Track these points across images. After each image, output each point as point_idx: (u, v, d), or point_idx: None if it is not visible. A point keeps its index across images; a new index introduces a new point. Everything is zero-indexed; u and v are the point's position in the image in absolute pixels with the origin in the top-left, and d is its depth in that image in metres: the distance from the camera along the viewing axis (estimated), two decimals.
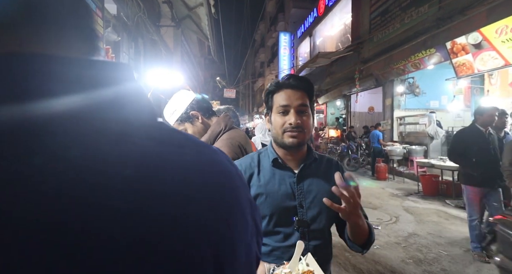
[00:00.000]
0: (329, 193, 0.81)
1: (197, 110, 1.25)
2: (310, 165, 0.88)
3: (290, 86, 0.85)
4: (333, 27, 12.04)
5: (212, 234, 0.25)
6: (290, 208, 0.83)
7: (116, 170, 0.21)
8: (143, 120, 0.25)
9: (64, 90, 0.21)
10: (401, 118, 7.73)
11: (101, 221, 0.19)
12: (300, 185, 0.86)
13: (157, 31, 5.64)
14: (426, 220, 3.95)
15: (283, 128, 0.83)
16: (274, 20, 20.11)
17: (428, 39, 5.65)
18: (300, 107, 0.83)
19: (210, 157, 0.30)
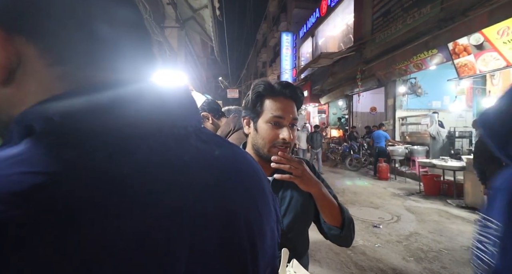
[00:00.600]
0: (303, 196, 0.82)
1: (208, 112, 1.33)
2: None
3: (287, 96, 0.79)
4: (335, 27, 12.05)
5: (247, 214, 0.32)
6: None
7: (183, 163, 0.28)
8: (193, 126, 0.32)
9: (143, 107, 0.27)
10: (403, 118, 7.77)
11: (197, 197, 0.27)
12: (275, 192, 0.81)
13: (161, 32, 5.71)
14: (427, 219, 4.00)
15: (273, 142, 0.77)
16: (277, 20, 20.13)
17: (430, 40, 5.68)
18: (293, 121, 0.79)
19: (242, 155, 0.37)
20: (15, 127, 0.23)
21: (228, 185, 0.31)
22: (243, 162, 0.36)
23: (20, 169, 0.20)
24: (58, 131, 0.22)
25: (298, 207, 0.82)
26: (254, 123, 0.80)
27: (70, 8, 0.26)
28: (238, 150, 0.37)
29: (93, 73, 0.27)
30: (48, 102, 0.23)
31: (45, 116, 0.22)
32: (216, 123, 1.37)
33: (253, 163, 0.38)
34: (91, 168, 0.22)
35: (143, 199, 0.23)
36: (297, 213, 0.81)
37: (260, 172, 0.38)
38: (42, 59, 0.25)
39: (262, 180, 0.38)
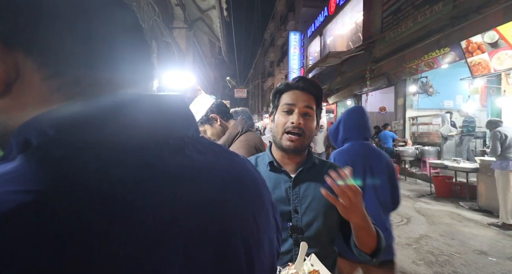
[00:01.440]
0: (326, 200, 0.79)
1: (216, 114, 1.34)
2: (308, 170, 0.85)
3: (299, 88, 0.85)
4: (344, 26, 11.92)
5: (243, 225, 0.32)
6: (284, 213, 0.80)
7: (178, 175, 0.28)
8: (190, 136, 0.32)
9: (139, 120, 0.27)
10: (414, 118, 7.62)
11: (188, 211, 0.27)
12: (295, 190, 0.83)
13: (170, 33, 5.77)
14: (438, 222, 3.91)
15: (284, 127, 0.82)
16: (284, 20, 20.04)
17: (442, 38, 5.55)
18: (305, 109, 0.82)
19: (240, 164, 0.37)
20: (14, 140, 0.23)
21: (223, 196, 0.31)
22: (240, 171, 0.36)
23: (8, 188, 0.20)
24: (52, 146, 0.22)
25: (319, 208, 0.81)
26: (273, 117, 0.88)
27: (68, 23, 0.26)
28: (236, 158, 0.37)
29: (89, 86, 0.27)
30: (44, 115, 0.24)
31: (40, 130, 0.23)
32: (224, 125, 1.38)
33: (251, 171, 0.38)
34: (81, 184, 0.21)
35: (134, 215, 0.23)
36: (318, 214, 0.80)
37: (259, 180, 0.38)
38: (39, 72, 0.26)
39: (260, 189, 0.37)
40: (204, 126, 1.35)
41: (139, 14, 4.83)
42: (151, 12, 4.49)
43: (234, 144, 1.29)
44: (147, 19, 4.62)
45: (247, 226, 0.32)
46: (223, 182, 0.32)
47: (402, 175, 6.78)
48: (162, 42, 5.62)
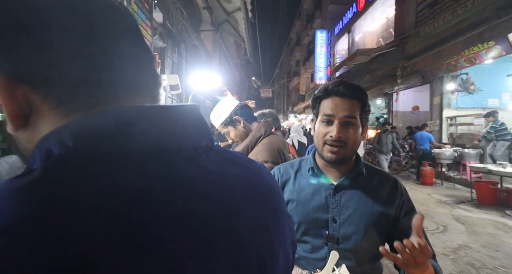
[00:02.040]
0: (371, 213, 0.76)
1: (240, 116, 1.35)
2: (353, 179, 0.80)
3: (339, 94, 0.77)
4: (374, 22, 11.41)
5: (257, 238, 0.31)
6: (321, 221, 0.78)
7: (189, 187, 0.27)
8: (204, 147, 0.31)
9: (149, 131, 0.27)
10: (452, 118, 7.07)
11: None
12: (335, 198, 0.79)
13: (197, 36, 5.95)
14: (480, 231, 3.59)
15: (324, 139, 0.78)
16: (311, 18, 19.69)
17: (486, 31, 5.08)
18: (346, 119, 0.76)
19: (256, 173, 0.36)
20: (37, 151, 0.25)
21: (237, 208, 0.30)
22: (255, 181, 0.35)
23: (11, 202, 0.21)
24: (69, 158, 0.23)
25: (361, 222, 0.76)
26: (314, 125, 0.83)
27: (69, 54, 0.26)
28: (252, 166, 0.36)
29: (96, 105, 0.28)
30: (64, 127, 0.25)
31: (61, 141, 0.24)
32: (247, 127, 1.38)
33: (267, 181, 0.36)
34: (92, 196, 0.22)
35: (145, 227, 0.23)
36: (358, 227, 0.76)
37: (274, 190, 0.37)
38: (46, 104, 0.27)
39: (276, 199, 0.36)
40: (227, 128, 1.37)
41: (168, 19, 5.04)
42: (180, 17, 4.66)
43: (257, 146, 1.30)
44: (176, 23, 4.80)
45: (261, 239, 0.31)
46: (237, 193, 0.31)
47: (438, 179, 6.32)
48: (190, 45, 5.81)
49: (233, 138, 1.38)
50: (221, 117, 1.35)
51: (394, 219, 0.78)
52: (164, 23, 5.04)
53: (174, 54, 5.87)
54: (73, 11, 0.27)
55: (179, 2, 4.56)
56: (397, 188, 0.81)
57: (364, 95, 0.79)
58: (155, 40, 4.70)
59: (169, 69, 5.47)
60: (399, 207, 0.79)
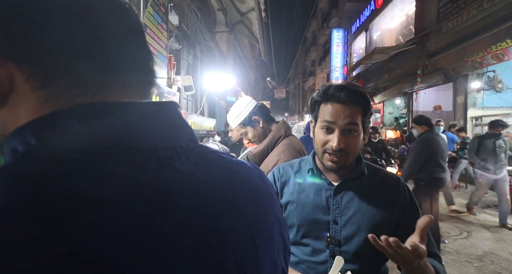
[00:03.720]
0: (374, 214, 0.74)
1: (259, 116, 1.33)
2: (354, 179, 0.78)
3: (341, 101, 0.72)
4: (393, 19, 11.05)
5: (237, 243, 0.28)
6: (322, 222, 0.76)
7: (159, 190, 0.25)
8: (183, 146, 0.29)
9: (122, 130, 0.25)
10: (477, 118, 6.69)
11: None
12: (336, 199, 0.77)
13: (212, 37, 6.02)
14: (508, 238, 3.36)
15: (324, 148, 0.75)
16: (327, 17, 19.41)
17: None
18: (347, 126, 0.72)
19: (242, 175, 0.33)
20: (5, 150, 0.25)
21: (214, 212, 0.27)
22: (241, 182, 0.32)
23: None
24: (33, 155, 0.22)
25: (363, 223, 0.74)
26: (313, 128, 0.80)
27: (60, 34, 0.26)
28: (239, 168, 0.33)
29: (77, 96, 0.26)
30: (27, 125, 0.24)
31: (24, 140, 0.23)
32: (266, 127, 1.36)
33: (256, 184, 0.34)
34: (46, 203, 0.20)
35: (104, 238, 0.20)
36: (360, 228, 0.73)
37: (264, 194, 0.34)
38: (29, 83, 0.25)
39: (264, 203, 0.33)
40: (246, 128, 1.36)
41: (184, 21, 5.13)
42: (195, 19, 4.73)
43: (277, 147, 1.28)
44: (191, 25, 4.88)
45: (242, 244, 0.28)
46: (216, 199, 0.28)
47: (462, 182, 6.00)
48: (205, 46, 5.89)
49: (250, 138, 1.38)
50: (240, 117, 1.34)
51: (398, 219, 0.76)
52: (180, 26, 5.14)
53: (190, 55, 5.97)
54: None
55: (194, 4, 4.63)
56: (400, 188, 0.79)
57: (366, 101, 0.75)
58: (171, 43, 4.81)
59: (184, 71, 5.57)
60: (403, 207, 0.77)
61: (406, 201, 0.77)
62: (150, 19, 3.56)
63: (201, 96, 5.57)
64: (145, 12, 3.22)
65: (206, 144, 4.76)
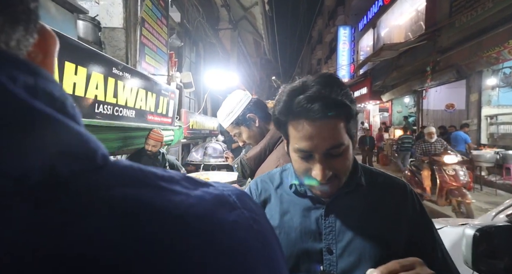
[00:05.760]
0: (377, 236, 0.56)
1: (254, 113, 1.13)
2: (349, 193, 0.60)
3: (314, 118, 0.51)
4: (402, 15, 10.74)
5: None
6: (312, 252, 0.59)
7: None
8: (39, 175, 0.15)
9: None
10: (492, 117, 6.39)
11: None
12: (329, 221, 0.59)
13: (215, 34, 5.87)
14: None
15: (305, 176, 0.58)
16: (333, 14, 19.14)
17: None
18: (331, 150, 0.54)
19: (199, 207, 0.19)
20: None
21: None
22: (193, 222, 0.18)
23: None
24: None
25: (365, 250, 0.56)
26: (287, 148, 0.61)
27: None
28: (198, 195, 0.20)
29: None
30: None
31: None
32: (263, 127, 1.15)
33: (224, 223, 0.20)
34: None
35: None
36: (362, 257, 0.56)
37: (242, 240, 0.20)
38: None
39: (243, 258, 0.20)
40: (239, 128, 1.15)
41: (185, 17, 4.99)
42: (196, 14, 4.59)
43: (277, 149, 1.06)
44: (192, 21, 4.74)
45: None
46: (74, 257, 0.15)
47: (477, 183, 5.72)
48: (208, 43, 5.75)
49: (245, 139, 1.16)
50: (232, 115, 1.13)
51: (409, 237, 0.59)
52: (182, 22, 5.01)
53: (192, 53, 5.84)
54: None
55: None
56: (407, 195, 0.62)
57: (348, 107, 0.54)
58: (172, 40, 4.67)
59: (186, 68, 5.43)
60: (413, 220, 0.60)
61: (416, 212, 0.61)
62: (149, 14, 3.42)
63: (204, 95, 5.42)
64: (142, 5, 3.08)
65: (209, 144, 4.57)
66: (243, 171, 1.11)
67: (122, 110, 2.23)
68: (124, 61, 2.89)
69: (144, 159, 2.78)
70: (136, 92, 2.44)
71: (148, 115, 2.77)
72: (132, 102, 2.40)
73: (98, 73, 1.85)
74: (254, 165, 1.08)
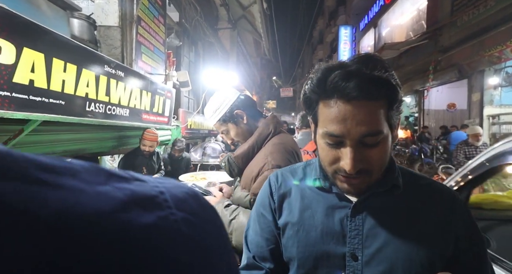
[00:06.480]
0: (414, 247, 0.49)
1: (242, 110, 1.09)
2: (383, 194, 0.53)
3: (350, 97, 0.44)
4: (403, 14, 10.68)
5: None
6: (334, 257, 0.52)
7: None
8: None
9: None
10: (495, 116, 6.30)
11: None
12: (356, 223, 0.52)
13: (214, 33, 5.84)
14: None
15: (333, 167, 0.50)
16: (334, 14, 19.10)
17: None
18: (366, 138, 0.46)
19: (61, 203, 0.14)
20: None
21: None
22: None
23: None
24: None
25: (398, 260, 0.49)
26: (315, 135, 0.54)
27: None
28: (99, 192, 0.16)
29: None
30: None
31: None
32: (252, 124, 1.11)
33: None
34: None
35: None
36: (393, 267, 0.49)
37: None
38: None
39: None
40: (227, 125, 1.11)
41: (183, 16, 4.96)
42: (193, 12, 4.56)
43: (265, 147, 1.03)
44: (190, 20, 4.71)
45: None
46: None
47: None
48: (207, 43, 5.72)
49: (233, 137, 1.12)
50: (219, 111, 1.09)
51: (454, 255, 0.50)
52: (180, 22, 4.98)
53: (191, 52, 5.81)
54: None
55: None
56: (455, 205, 0.53)
57: (393, 87, 0.46)
58: (171, 39, 4.65)
59: (185, 68, 5.40)
60: (460, 236, 0.51)
61: (465, 226, 0.52)
62: (145, 12, 3.39)
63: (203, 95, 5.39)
64: (138, 3, 3.05)
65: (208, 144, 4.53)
66: (231, 170, 1.07)
67: (115, 109, 2.19)
68: (120, 60, 2.86)
69: (140, 159, 2.75)
70: (130, 90, 2.41)
71: (143, 114, 2.73)
72: (126, 101, 2.37)
73: (88, 71, 1.82)
74: (241, 163, 1.04)
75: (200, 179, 2.41)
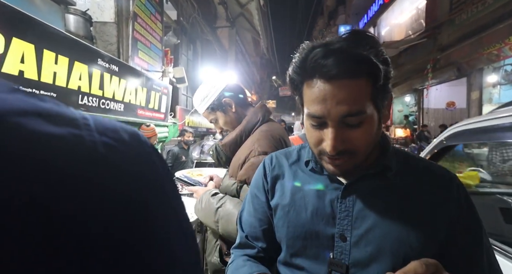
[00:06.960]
0: (404, 229, 0.48)
1: (230, 98, 1.09)
2: (375, 176, 0.52)
3: (328, 76, 0.43)
4: (402, 13, 10.68)
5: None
6: (323, 237, 0.52)
7: None
8: None
9: None
10: None
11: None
12: (345, 204, 0.52)
13: (212, 32, 5.84)
14: None
15: (318, 148, 0.49)
16: (333, 14, 19.13)
17: None
18: (346, 119, 0.44)
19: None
20: None
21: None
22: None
23: None
24: None
25: (386, 242, 0.48)
26: (302, 118, 0.54)
27: None
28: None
29: None
30: None
31: None
32: (240, 112, 1.11)
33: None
34: None
35: None
36: (381, 249, 0.48)
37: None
38: None
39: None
40: (215, 114, 1.11)
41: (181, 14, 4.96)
42: (191, 10, 4.56)
43: (252, 135, 1.03)
44: (186, 17, 4.71)
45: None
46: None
47: None
48: (205, 41, 5.72)
49: (222, 125, 1.12)
50: (207, 100, 1.09)
51: (447, 239, 0.49)
52: (178, 20, 4.98)
53: (189, 51, 5.80)
54: None
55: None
56: (452, 188, 0.51)
57: (375, 64, 0.43)
58: (168, 37, 4.64)
59: (183, 66, 5.39)
60: (455, 218, 0.49)
61: (462, 211, 0.50)
62: (142, 9, 3.39)
63: None
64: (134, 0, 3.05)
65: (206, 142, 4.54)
66: (218, 158, 1.06)
67: (109, 103, 2.19)
68: (116, 56, 2.85)
69: None
70: (124, 85, 2.40)
71: (138, 110, 2.73)
72: (121, 95, 2.36)
73: (81, 64, 1.81)
74: (229, 151, 1.03)
75: (196, 175, 2.40)
